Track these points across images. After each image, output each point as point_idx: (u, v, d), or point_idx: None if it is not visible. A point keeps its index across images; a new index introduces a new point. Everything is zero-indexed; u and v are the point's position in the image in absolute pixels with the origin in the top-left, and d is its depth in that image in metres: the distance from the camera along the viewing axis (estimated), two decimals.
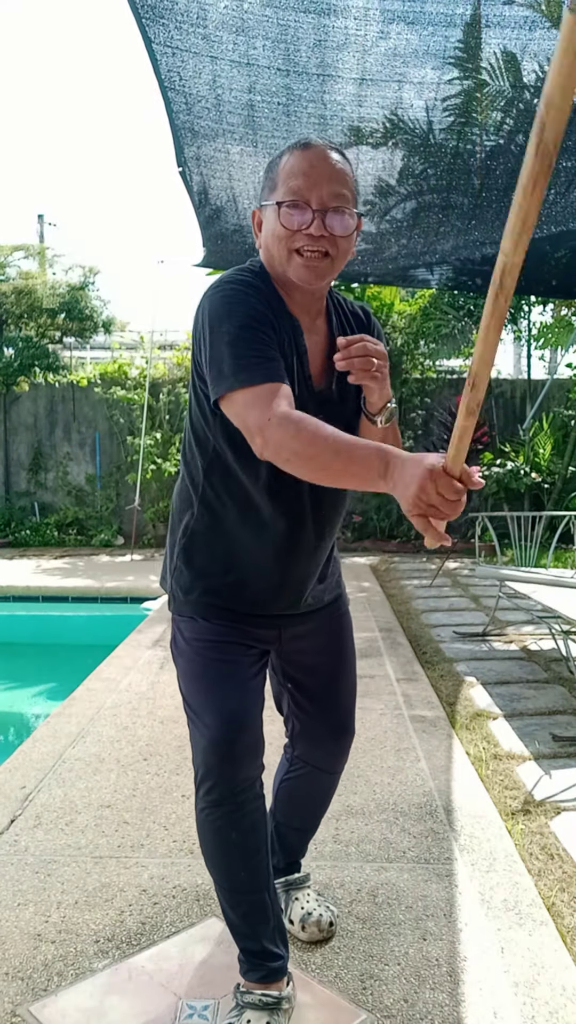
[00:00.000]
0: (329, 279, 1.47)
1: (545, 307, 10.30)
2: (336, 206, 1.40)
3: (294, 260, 1.43)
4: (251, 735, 1.52)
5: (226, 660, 1.56)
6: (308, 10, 3.33)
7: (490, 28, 3.47)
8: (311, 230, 1.40)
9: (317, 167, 1.41)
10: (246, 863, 1.54)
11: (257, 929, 1.55)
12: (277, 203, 1.43)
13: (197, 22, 3.40)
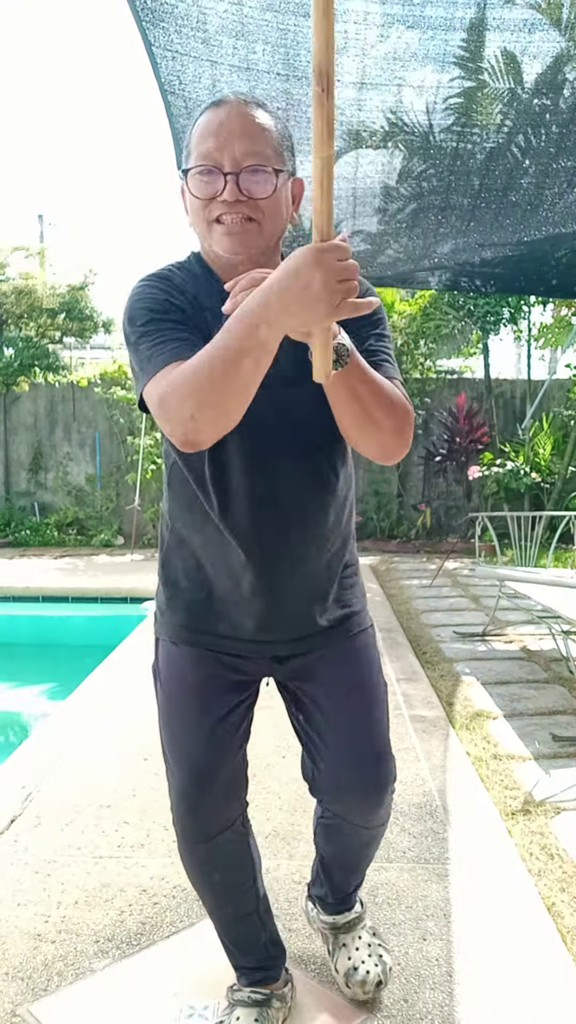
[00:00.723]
0: (262, 245, 1.29)
1: (545, 307, 10.30)
2: (252, 165, 1.23)
3: (215, 231, 1.27)
4: (220, 787, 1.44)
5: (195, 705, 1.44)
6: (308, 14, 3.33)
7: (491, 31, 3.46)
8: (224, 195, 1.23)
9: (227, 124, 1.24)
10: (232, 898, 1.54)
11: (248, 949, 1.58)
12: (184, 171, 1.28)
13: (197, 26, 3.40)
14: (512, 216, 4.79)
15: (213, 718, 1.43)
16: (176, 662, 1.47)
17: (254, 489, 1.35)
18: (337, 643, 1.47)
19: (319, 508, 1.40)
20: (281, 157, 1.28)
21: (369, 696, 1.47)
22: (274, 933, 1.62)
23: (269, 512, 1.37)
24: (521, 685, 3.93)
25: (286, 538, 1.39)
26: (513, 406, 10.48)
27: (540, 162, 4.24)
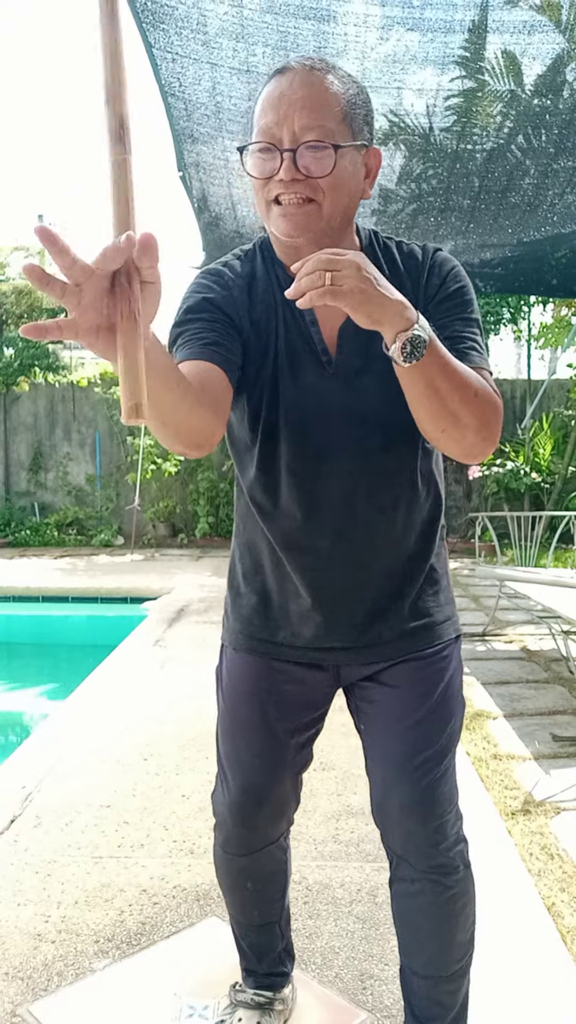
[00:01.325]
0: (322, 227, 1.16)
1: (545, 307, 10.31)
2: (311, 140, 1.11)
3: (273, 212, 1.16)
4: (272, 807, 1.42)
5: (256, 719, 1.40)
6: (308, 16, 3.33)
7: (491, 33, 3.47)
8: (280, 174, 1.12)
9: (288, 95, 1.13)
10: (260, 907, 1.53)
11: (263, 956, 1.58)
12: (239, 149, 1.18)
13: (197, 28, 3.41)
14: (512, 217, 4.79)
15: (275, 732, 1.39)
16: (237, 669, 1.44)
17: (305, 494, 1.27)
18: (404, 659, 1.34)
19: (388, 514, 1.29)
20: (349, 130, 1.15)
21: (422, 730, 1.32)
22: (290, 943, 1.62)
23: (325, 518, 1.28)
24: (521, 685, 3.94)
25: (342, 545, 1.29)
26: (513, 406, 10.48)
27: (540, 163, 4.24)
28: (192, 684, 3.89)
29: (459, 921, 1.36)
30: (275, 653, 1.37)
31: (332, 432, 1.24)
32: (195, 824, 2.43)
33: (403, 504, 1.30)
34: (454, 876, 1.33)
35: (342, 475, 1.26)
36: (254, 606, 1.38)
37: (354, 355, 1.22)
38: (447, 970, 1.37)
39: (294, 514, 1.28)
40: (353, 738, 1.54)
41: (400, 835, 1.33)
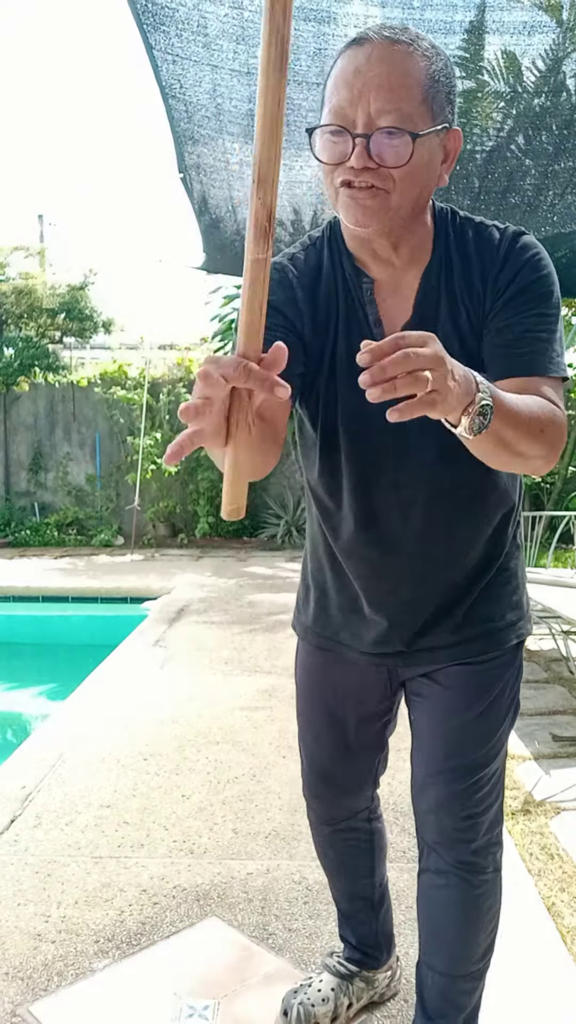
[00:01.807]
0: (393, 219, 1.08)
1: None
2: (387, 127, 1.02)
3: (340, 197, 1.08)
4: (339, 786, 1.51)
5: (320, 707, 1.45)
6: (308, 18, 3.33)
7: (490, 34, 3.47)
8: (351, 161, 1.03)
9: (365, 71, 1.02)
10: (347, 876, 1.61)
11: (354, 927, 1.64)
12: (307, 130, 1.09)
13: (198, 30, 3.41)
14: (512, 218, 4.79)
15: (338, 723, 1.43)
16: (304, 660, 1.48)
17: (363, 502, 1.24)
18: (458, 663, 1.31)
19: (447, 528, 1.24)
20: (430, 112, 1.06)
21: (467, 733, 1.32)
22: (386, 925, 1.66)
23: (382, 529, 1.24)
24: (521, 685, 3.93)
25: (397, 556, 1.26)
26: None
27: (540, 163, 4.24)
28: (192, 684, 3.89)
29: (482, 922, 1.39)
30: (337, 650, 1.39)
31: (389, 441, 1.18)
32: (195, 824, 2.43)
33: (463, 519, 1.25)
34: (482, 876, 1.38)
35: (399, 486, 1.22)
36: (318, 602, 1.40)
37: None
38: (464, 969, 1.39)
39: (352, 521, 1.26)
40: None
41: (432, 827, 1.37)
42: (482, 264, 1.15)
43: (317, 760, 1.49)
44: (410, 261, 1.17)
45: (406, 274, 1.18)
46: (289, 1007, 1.58)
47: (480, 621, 1.30)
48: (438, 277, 1.16)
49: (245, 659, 4.33)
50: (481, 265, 1.15)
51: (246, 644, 4.67)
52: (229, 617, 5.47)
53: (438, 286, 1.16)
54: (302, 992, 1.60)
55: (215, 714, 3.45)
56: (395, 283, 1.18)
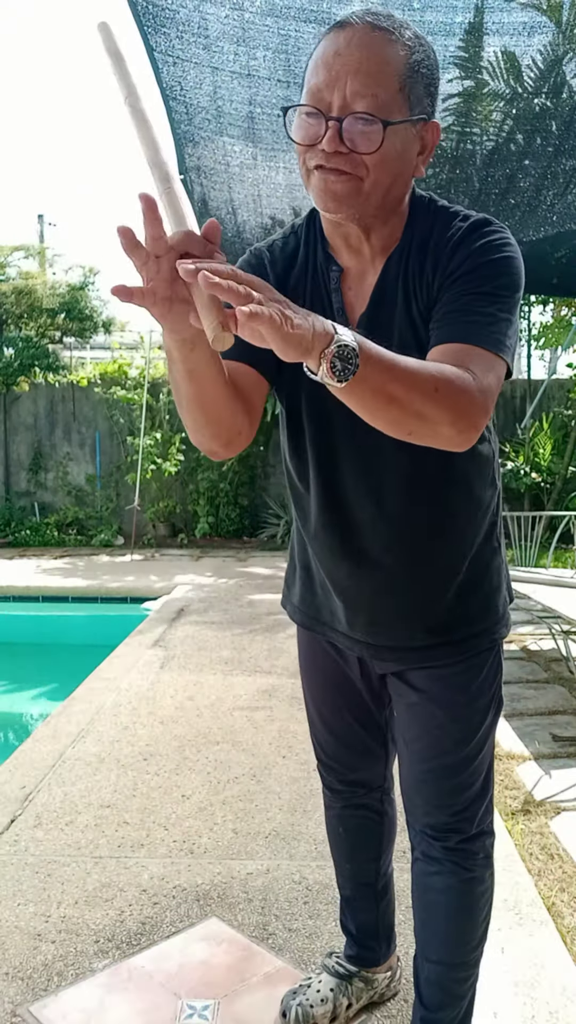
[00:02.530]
0: (364, 207, 1.07)
1: (545, 307, 10.30)
2: (361, 113, 1.01)
3: (312, 180, 1.07)
4: (344, 759, 1.52)
5: (320, 683, 1.49)
6: (309, 20, 3.33)
7: (489, 35, 3.47)
8: (323, 144, 1.02)
9: (344, 55, 1.01)
10: (352, 858, 1.62)
11: (355, 915, 1.64)
12: (283, 109, 1.10)
13: (199, 32, 3.41)
14: (512, 218, 4.79)
15: (334, 703, 1.47)
16: (301, 641, 1.51)
17: (327, 488, 1.24)
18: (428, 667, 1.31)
19: (408, 517, 1.23)
20: (406, 101, 1.04)
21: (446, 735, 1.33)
22: (387, 917, 1.66)
23: (339, 518, 1.25)
24: (521, 685, 3.93)
25: (359, 542, 1.25)
26: (513, 406, 10.48)
27: (540, 163, 4.24)
28: (192, 684, 3.89)
29: (476, 908, 1.39)
30: (319, 630, 1.42)
31: (349, 427, 1.14)
32: (195, 824, 2.43)
33: (425, 511, 1.23)
34: (474, 861, 1.37)
35: (359, 472, 1.22)
36: (302, 580, 1.43)
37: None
38: (459, 958, 1.39)
39: (317, 505, 1.27)
40: None
41: (423, 821, 1.39)
42: (436, 251, 1.12)
43: (321, 735, 1.53)
44: (380, 249, 1.16)
45: (373, 263, 1.17)
46: (288, 1008, 1.58)
47: (447, 628, 1.29)
48: (398, 266, 1.15)
49: (245, 659, 4.33)
50: (435, 252, 1.12)
51: (246, 644, 4.67)
52: (229, 617, 5.47)
53: (396, 275, 1.15)
54: (301, 993, 1.60)
55: (215, 714, 3.45)
56: (362, 272, 1.18)
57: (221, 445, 1.09)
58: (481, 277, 1.07)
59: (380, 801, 1.59)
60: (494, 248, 1.09)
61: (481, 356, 1.02)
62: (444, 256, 1.11)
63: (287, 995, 1.61)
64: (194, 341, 0.92)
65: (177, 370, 0.98)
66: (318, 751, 1.56)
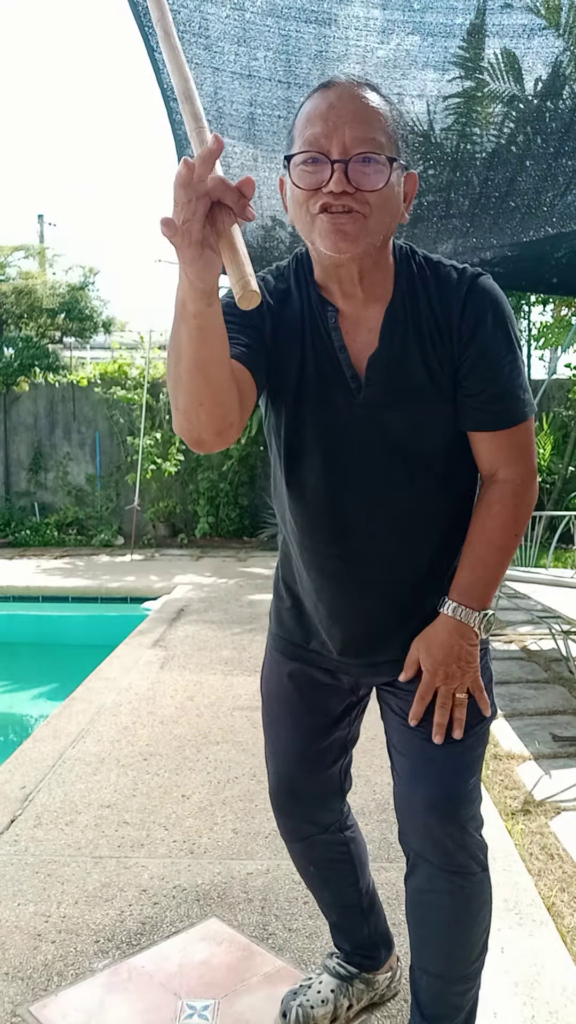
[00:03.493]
0: (367, 243, 1.14)
1: (545, 307, 10.30)
2: (363, 152, 1.09)
3: (317, 225, 1.12)
4: (308, 796, 1.48)
5: (287, 714, 1.45)
6: (309, 20, 3.33)
7: (489, 37, 3.47)
8: (331, 186, 1.09)
9: (338, 107, 1.11)
10: (328, 889, 1.60)
11: (347, 936, 1.63)
12: (286, 158, 1.15)
13: (199, 32, 3.40)
14: (512, 219, 4.79)
15: (302, 729, 1.44)
16: (273, 669, 1.48)
17: (328, 519, 1.29)
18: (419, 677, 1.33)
19: (408, 541, 1.30)
20: (396, 146, 1.14)
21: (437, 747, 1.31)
22: (379, 926, 1.64)
23: (347, 544, 1.29)
24: (521, 685, 3.94)
25: (363, 570, 1.30)
26: None
27: (540, 164, 4.24)
28: (192, 684, 3.90)
29: (474, 923, 1.35)
30: (306, 658, 1.42)
31: (356, 462, 1.25)
32: (195, 824, 2.43)
33: (428, 538, 1.30)
34: (471, 877, 1.33)
35: (364, 505, 1.27)
36: (290, 611, 1.43)
37: (384, 387, 1.22)
38: (459, 971, 1.37)
39: (319, 536, 1.30)
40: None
41: (420, 832, 1.32)
42: (443, 304, 1.21)
43: (283, 769, 1.48)
44: (371, 296, 1.23)
45: (367, 308, 1.23)
46: (288, 1009, 1.58)
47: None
48: (403, 311, 1.22)
49: (245, 659, 4.33)
50: (443, 305, 1.21)
51: (246, 644, 4.67)
52: (229, 617, 5.47)
53: (404, 320, 1.22)
54: (301, 994, 1.60)
55: (215, 714, 3.45)
56: (356, 315, 1.24)
57: (213, 432, 1.09)
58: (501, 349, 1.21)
59: (340, 831, 1.55)
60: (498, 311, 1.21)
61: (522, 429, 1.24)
62: (456, 312, 1.21)
63: (287, 995, 1.61)
64: (212, 295, 0.93)
65: (188, 328, 0.97)
66: (278, 797, 1.50)
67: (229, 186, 0.85)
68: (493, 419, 1.22)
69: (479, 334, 1.20)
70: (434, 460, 1.26)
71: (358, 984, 1.62)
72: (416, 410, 1.22)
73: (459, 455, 1.28)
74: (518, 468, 1.26)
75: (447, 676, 1.25)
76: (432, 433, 1.23)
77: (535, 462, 1.28)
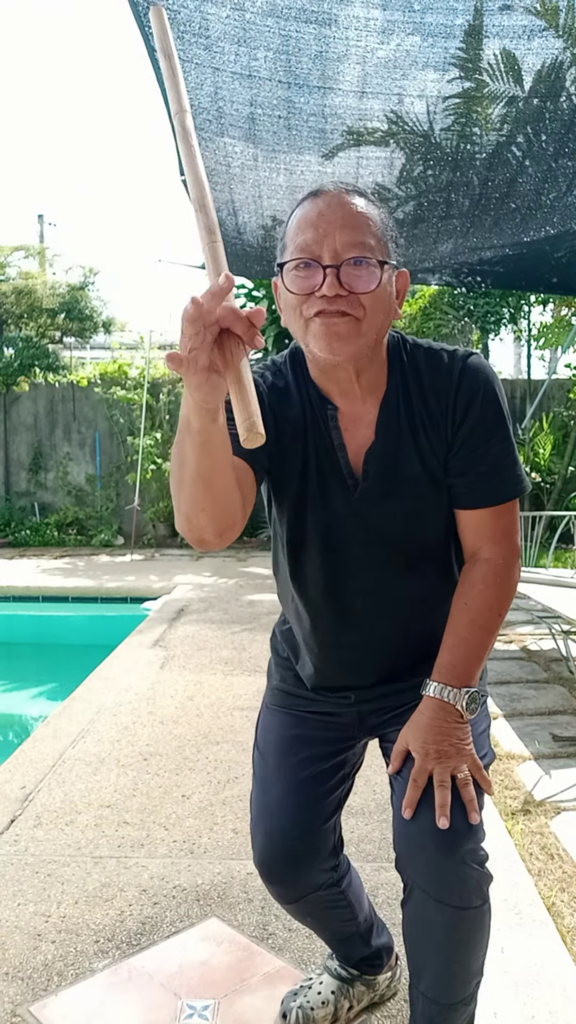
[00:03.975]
0: (361, 344, 1.17)
1: (545, 307, 10.30)
2: (354, 256, 1.13)
3: (311, 329, 1.16)
4: (298, 855, 1.37)
5: (282, 766, 1.40)
6: (310, 20, 3.33)
7: (488, 38, 3.47)
8: (324, 290, 1.12)
9: (327, 215, 1.14)
10: (329, 930, 1.56)
11: (349, 954, 1.61)
12: (279, 265, 1.19)
13: (199, 32, 3.40)
14: (512, 220, 4.79)
15: (299, 782, 1.37)
16: (269, 723, 1.47)
17: (329, 606, 1.33)
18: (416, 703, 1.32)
19: (409, 623, 1.34)
20: (386, 248, 1.18)
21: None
22: (380, 941, 1.62)
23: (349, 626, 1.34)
24: (521, 685, 3.94)
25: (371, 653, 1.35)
26: (513, 406, 10.48)
27: (540, 164, 4.24)
28: (192, 684, 3.90)
29: (473, 952, 1.31)
30: (305, 706, 1.43)
31: (356, 553, 1.29)
32: (195, 824, 2.43)
33: (429, 618, 1.32)
34: (469, 910, 1.25)
35: (365, 594, 1.31)
36: (290, 665, 1.45)
37: (380, 479, 1.25)
38: (455, 997, 1.32)
39: (319, 618, 1.35)
40: None
41: (419, 863, 1.24)
42: (436, 390, 1.24)
43: (276, 828, 1.37)
44: (368, 390, 1.26)
45: (364, 403, 1.26)
46: (288, 1010, 1.58)
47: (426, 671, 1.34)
48: (397, 404, 1.26)
49: (245, 659, 4.33)
50: (435, 391, 1.24)
51: (246, 644, 4.67)
52: (229, 617, 5.48)
53: (398, 413, 1.26)
54: (302, 995, 1.60)
55: (215, 714, 3.45)
56: (354, 411, 1.27)
57: (215, 533, 1.10)
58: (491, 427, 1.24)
59: (336, 885, 1.47)
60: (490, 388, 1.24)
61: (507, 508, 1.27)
62: (449, 396, 1.24)
63: (287, 996, 1.61)
64: (217, 412, 0.95)
65: (192, 442, 0.99)
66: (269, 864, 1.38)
67: (239, 315, 0.85)
68: (479, 496, 1.25)
69: (471, 413, 1.23)
70: (434, 549, 1.30)
71: (359, 986, 1.62)
72: (412, 500, 1.25)
73: (459, 543, 1.31)
74: (502, 547, 1.27)
75: (439, 755, 1.21)
76: (430, 523, 1.27)
77: (519, 541, 1.30)
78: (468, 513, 1.27)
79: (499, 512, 1.26)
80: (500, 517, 1.26)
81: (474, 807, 1.20)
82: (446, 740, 1.22)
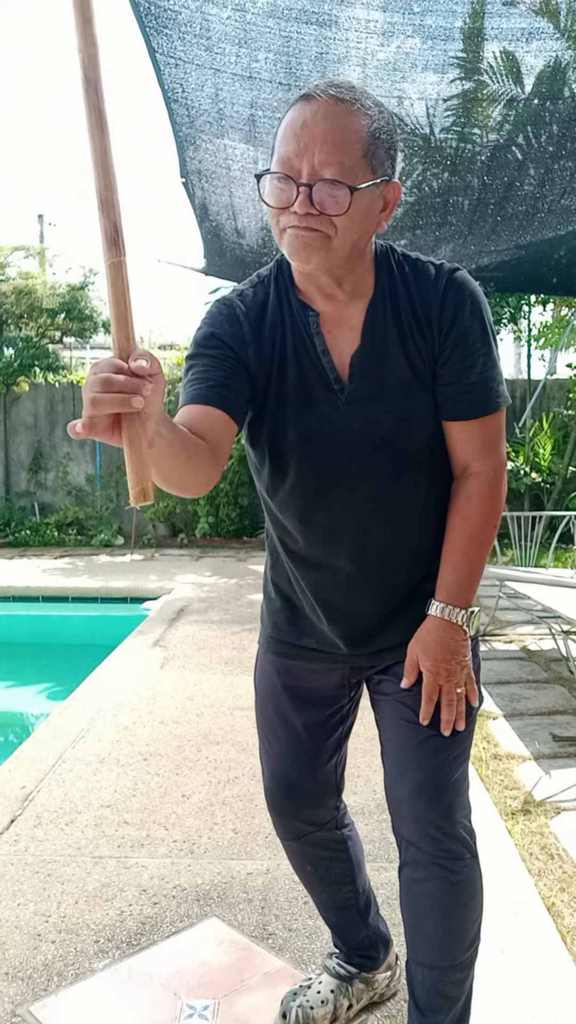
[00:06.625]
0: (333, 259, 1.19)
1: (545, 307, 10.30)
2: (330, 177, 1.12)
3: (285, 238, 1.18)
4: (304, 792, 1.49)
5: (280, 713, 1.47)
6: (310, 21, 3.33)
7: (488, 40, 3.48)
8: (295, 207, 1.14)
9: (311, 127, 1.12)
10: (327, 889, 1.60)
11: (345, 937, 1.64)
12: (256, 176, 1.20)
13: (200, 33, 3.40)
14: (512, 221, 4.79)
15: (296, 728, 1.46)
16: (265, 668, 1.50)
17: (318, 518, 1.32)
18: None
19: (401, 537, 1.34)
20: (369, 167, 1.15)
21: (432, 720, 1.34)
22: (377, 929, 1.65)
23: (340, 541, 1.33)
24: (521, 685, 3.94)
25: (358, 566, 1.34)
26: (513, 406, 10.48)
27: (540, 165, 4.25)
28: (192, 684, 3.90)
29: (466, 911, 1.37)
30: (299, 655, 1.44)
31: (345, 460, 1.28)
32: (195, 824, 2.43)
33: (417, 528, 1.34)
34: (461, 863, 1.34)
35: (355, 501, 1.30)
36: (281, 611, 1.45)
37: (367, 383, 1.26)
38: (452, 960, 1.37)
39: (308, 535, 1.34)
40: (352, 739, 1.56)
41: (409, 817, 1.33)
42: (423, 298, 1.26)
43: (279, 767, 1.49)
44: (353, 295, 1.27)
45: (349, 307, 1.27)
46: (288, 1009, 1.58)
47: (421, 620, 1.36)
48: (383, 308, 1.27)
49: (245, 659, 4.33)
50: (422, 299, 1.26)
51: (246, 644, 4.67)
52: (229, 617, 5.48)
53: (384, 316, 1.27)
54: (301, 994, 1.60)
55: (215, 714, 3.45)
56: (339, 315, 1.28)
57: (191, 495, 1.18)
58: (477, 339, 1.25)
59: (337, 829, 1.56)
60: (476, 301, 1.26)
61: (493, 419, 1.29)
62: (435, 305, 1.25)
63: (287, 996, 1.61)
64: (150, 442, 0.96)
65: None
66: (274, 797, 1.51)
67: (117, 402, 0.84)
68: (466, 408, 1.26)
69: (457, 325, 1.24)
70: (421, 453, 1.29)
71: (358, 984, 1.63)
72: (400, 403, 1.25)
73: (445, 449, 1.32)
74: (491, 459, 1.30)
75: (448, 673, 1.29)
76: (417, 426, 1.27)
77: (504, 454, 1.32)
78: (457, 426, 1.28)
79: (487, 423, 1.28)
80: (489, 429, 1.29)
81: (463, 718, 1.32)
82: (453, 659, 1.30)
